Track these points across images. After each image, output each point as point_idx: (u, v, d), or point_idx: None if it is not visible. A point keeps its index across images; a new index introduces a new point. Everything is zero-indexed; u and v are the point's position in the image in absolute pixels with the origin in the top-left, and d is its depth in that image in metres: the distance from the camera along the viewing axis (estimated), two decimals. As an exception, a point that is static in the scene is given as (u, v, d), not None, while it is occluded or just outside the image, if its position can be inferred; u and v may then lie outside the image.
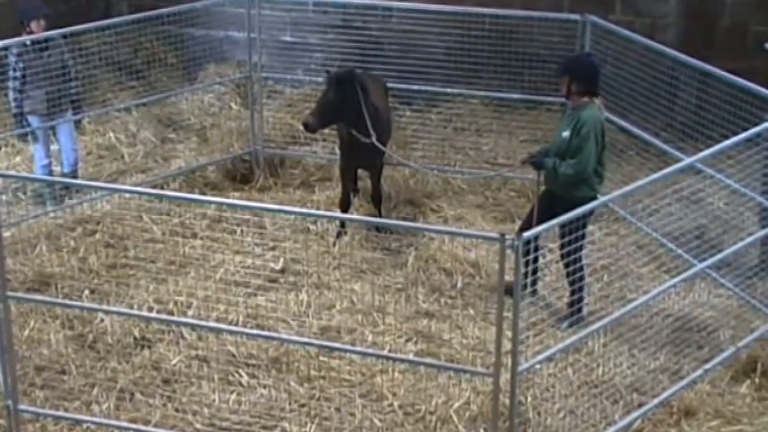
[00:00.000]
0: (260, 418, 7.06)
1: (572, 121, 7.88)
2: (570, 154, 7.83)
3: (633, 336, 7.59)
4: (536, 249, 7.72)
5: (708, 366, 7.48)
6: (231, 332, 7.51)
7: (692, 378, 7.36)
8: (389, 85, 10.16)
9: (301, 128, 10.91)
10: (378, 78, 9.91)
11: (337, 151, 9.95)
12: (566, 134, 7.88)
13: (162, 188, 10.06)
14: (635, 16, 11.06)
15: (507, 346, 6.40)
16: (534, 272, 8.00)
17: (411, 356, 7.52)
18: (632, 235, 8.93)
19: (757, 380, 7.44)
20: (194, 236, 8.99)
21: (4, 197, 9.60)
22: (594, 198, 7.53)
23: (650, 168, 9.38)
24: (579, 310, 7.65)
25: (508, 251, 5.90)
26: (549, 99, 10.25)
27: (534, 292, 8.03)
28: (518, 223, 9.24)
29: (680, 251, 8.32)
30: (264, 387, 7.30)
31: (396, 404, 7.17)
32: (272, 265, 8.70)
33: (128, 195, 9.47)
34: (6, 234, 8.91)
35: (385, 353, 7.47)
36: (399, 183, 10.24)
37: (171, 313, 7.95)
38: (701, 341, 7.82)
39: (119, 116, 11.28)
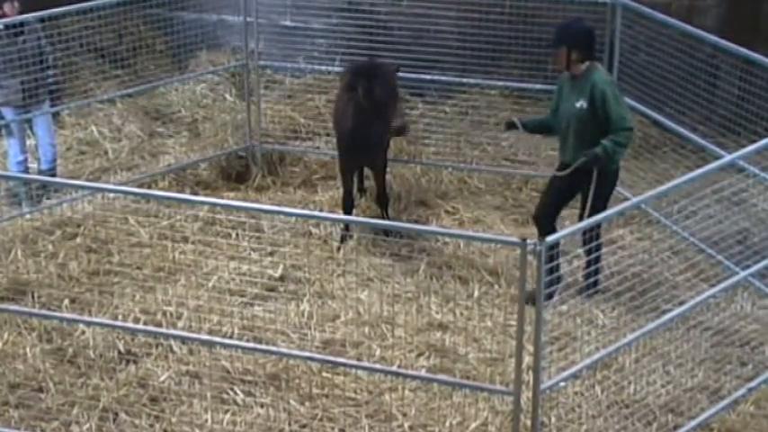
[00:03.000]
0: (256, 440, 7.09)
1: (583, 89, 8.23)
2: (597, 121, 8.14)
3: (668, 351, 7.59)
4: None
5: (751, 385, 7.47)
6: (225, 346, 7.52)
7: (734, 398, 7.35)
8: (399, 74, 10.17)
9: (302, 121, 11.04)
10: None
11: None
12: (580, 104, 8.22)
13: (149, 187, 10.09)
14: (671, -2, 11.08)
15: (529, 361, 6.41)
16: (555, 277, 8.05)
17: (423, 373, 7.53)
18: (667, 240, 8.93)
19: (806, 400, 7.44)
20: (185, 240, 9.01)
21: (-25, 197, 9.66)
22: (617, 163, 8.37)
23: (687, 166, 9.37)
24: (596, 272, 7.82)
25: (530, 257, 5.91)
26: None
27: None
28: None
29: (720, 257, 8.32)
30: (262, 406, 7.32)
31: (406, 425, 7.18)
32: (270, 271, 8.71)
33: (112, 195, 9.49)
34: (-22, 237, 8.96)
35: (394, 369, 7.48)
36: (410, 181, 10.26)
37: (159, 325, 7.97)
38: (743, 357, 7.82)
39: (102, 108, 11.32)
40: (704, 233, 8.44)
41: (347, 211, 9.37)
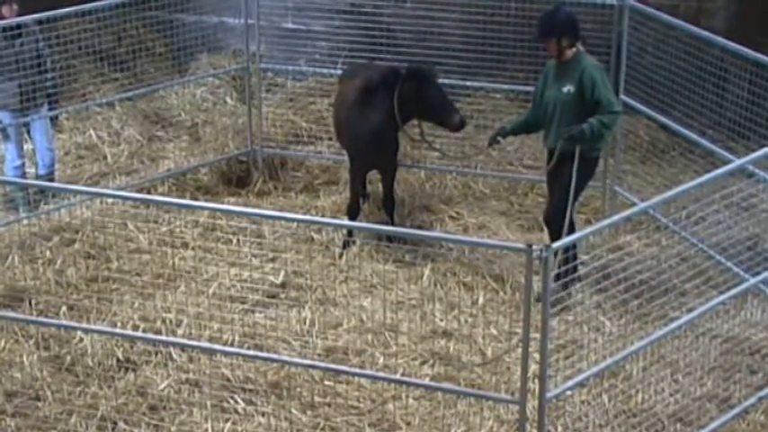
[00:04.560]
0: (257, 449, 7.10)
1: (570, 74, 8.42)
2: (583, 107, 8.32)
3: (676, 359, 7.58)
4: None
5: (762, 394, 7.46)
6: (226, 353, 7.53)
7: (744, 407, 7.35)
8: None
9: (304, 125, 11.04)
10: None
11: (345, 152, 9.97)
12: (567, 89, 8.41)
13: (149, 192, 10.10)
14: (679, 0, 11.07)
15: (535, 369, 6.41)
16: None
17: (427, 381, 7.54)
18: (675, 246, 8.91)
19: (817, 409, 7.44)
20: (185, 246, 9.01)
21: (-28, 202, 9.67)
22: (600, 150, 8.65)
23: (696, 171, 9.37)
24: (575, 257, 7.89)
25: (536, 263, 5.91)
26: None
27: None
28: (547, 232, 9.24)
29: (729, 264, 8.30)
30: (263, 415, 7.32)
31: (410, 434, 7.19)
32: (271, 278, 8.72)
33: (110, 200, 9.49)
34: (-25, 243, 8.97)
35: (398, 377, 7.49)
36: (414, 187, 10.26)
37: (158, 332, 7.97)
38: (753, 365, 7.81)
39: (100, 112, 11.33)
40: (713, 239, 8.42)
41: (352, 217, 9.38)
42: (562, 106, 8.44)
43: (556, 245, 6.09)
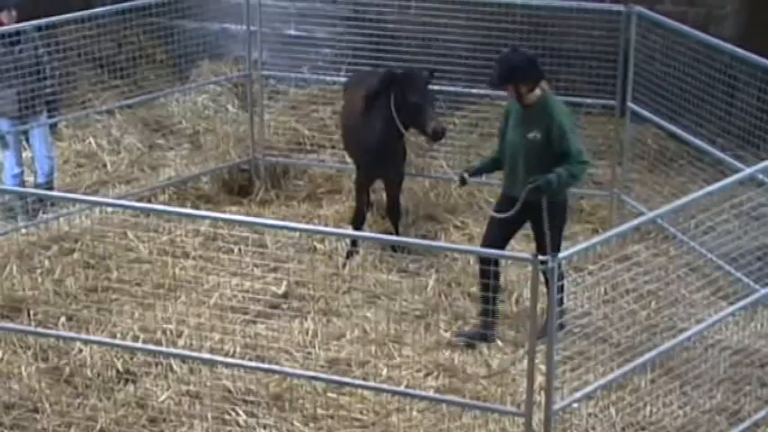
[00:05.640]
0: (259, 462, 7.10)
1: (537, 119, 7.99)
2: (551, 153, 7.92)
3: (685, 371, 7.57)
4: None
5: (772, 407, 7.47)
6: (227, 365, 7.53)
7: (754, 420, 7.34)
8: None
9: (307, 133, 11.06)
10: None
11: (349, 160, 9.98)
12: (533, 135, 7.99)
13: (149, 201, 10.11)
14: (688, 6, 11.08)
15: (541, 381, 6.40)
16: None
17: (431, 393, 7.53)
18: (684, 256, 8.92)
19: (828, 423, 7.43)
20: (186, 255, 9.03)
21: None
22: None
23: (705, 180, 9.36)
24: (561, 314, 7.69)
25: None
26: (589, 101, 10.25)
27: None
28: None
29: (739, 274, 8.30)
30: (265, 427, 7.32)
31: (414, 447, 7.19)
32: (273, 288, 8.73)
33: (110, 209, 9.51)
34: (-27, 253, 8.98)
35: (401, 389, 7.48)
36: (418, 196, 10.27)
37: (159, 343, 7.97)
38: (764, 377, 7.80)
39: (100, 119, 11.35)
40: (722, 249, 8.42)
41: (358, 227, 9.37)
42: (526, 153, 8.01)
43: (562, 255, 6.09)
